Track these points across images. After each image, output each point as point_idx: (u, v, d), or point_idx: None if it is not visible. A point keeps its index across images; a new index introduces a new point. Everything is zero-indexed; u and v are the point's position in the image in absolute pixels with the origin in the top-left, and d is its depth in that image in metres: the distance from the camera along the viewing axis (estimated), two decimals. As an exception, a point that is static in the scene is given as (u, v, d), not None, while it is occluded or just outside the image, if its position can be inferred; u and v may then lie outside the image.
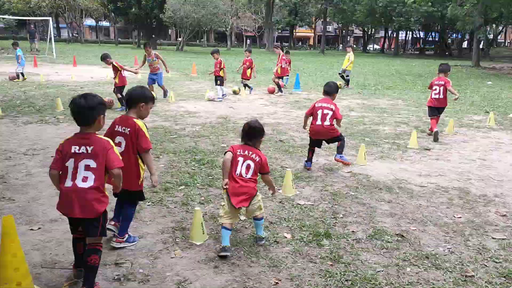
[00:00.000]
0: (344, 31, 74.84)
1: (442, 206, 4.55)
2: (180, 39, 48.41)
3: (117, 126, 3.40)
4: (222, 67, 11.73)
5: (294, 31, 73.01)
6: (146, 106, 3.46)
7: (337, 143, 5.71)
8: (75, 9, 52.59)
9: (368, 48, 72.61)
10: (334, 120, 5.54)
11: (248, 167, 3.49)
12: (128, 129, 3.33)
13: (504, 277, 3.15)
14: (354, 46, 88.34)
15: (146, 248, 3.49)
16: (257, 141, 3.67)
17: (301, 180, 5.27)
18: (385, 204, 4.56)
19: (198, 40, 70.14)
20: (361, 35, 74.86)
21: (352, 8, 51.88)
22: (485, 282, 3.08)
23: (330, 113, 5.49)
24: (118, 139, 3.33)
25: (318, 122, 5.52)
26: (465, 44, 62.84)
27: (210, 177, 5.24)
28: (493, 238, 3.79)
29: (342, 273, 3.16)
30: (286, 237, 3.72)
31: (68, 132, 5.52)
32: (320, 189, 4.98)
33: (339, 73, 16.26)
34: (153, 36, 47.71)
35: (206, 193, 4.74)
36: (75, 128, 2.88)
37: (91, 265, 2.74)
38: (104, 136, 2.98)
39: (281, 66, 13.83)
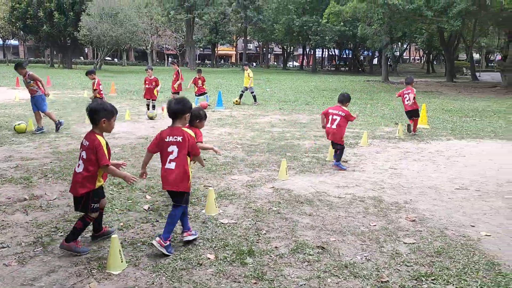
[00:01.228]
0: (264, 49, 77.00)
1: (359, 215, 4.76)
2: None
3: None
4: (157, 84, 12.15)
5: (216, 49, 73.69)
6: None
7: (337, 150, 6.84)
8: (-22, 27, 48.84)
9: (288, 65, 75.28)
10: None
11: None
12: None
13: (416, 279, 3.35)
14: (275, 63, 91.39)
15: (58, 283, 3.24)
16: (193, 122, 4.74)
17: (224, 198, 5.25)
18: (306, 217, 4.68)
19: (117, 59, 68.13)
20: (281, 52, 77.44)
21: (271, 27, 53.65)
22: (399, 286, 3.25)
23: (338, 118, 6.65)
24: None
25: (328, 125, 6.77)
26: (375, 61, 67.45)
27: (129, 201, 5.04)
28: (404, 243, 4.03)
29: (265, 290, 3.16)
30: (209, 258, 3.66)
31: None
32: (243, 206, 4.99)
33: (242, 91, 16.29)
34: (61, 54, 45.49)
35: (125, 217, 4.54)
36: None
37: (75, 226, 3.70)
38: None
39: (180, 82, 14.11)
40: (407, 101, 9.79)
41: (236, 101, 15.96)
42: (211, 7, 45.07)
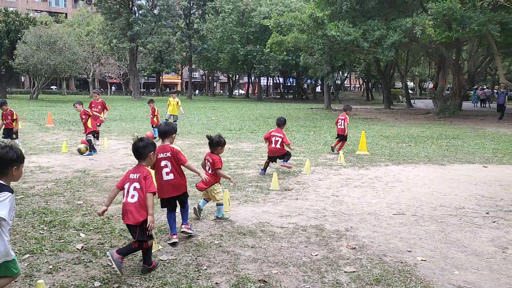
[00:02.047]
0: (210, 77, 77.46)
1: (301, 245, 4.75)
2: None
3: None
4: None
5: (161, 77, 73.14)
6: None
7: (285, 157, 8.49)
8: None
9: (234, 93, 76.08)
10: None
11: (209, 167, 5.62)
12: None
13: (356, 309, 3.35)
14: (221, 91, 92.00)
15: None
16: (215, 149, 5.67)
17: (164, 232, 5.07)
18: (248, 250, 4.60)
19: (55, 87, 65.73)
20: (227, 81, 78.24)
21: (216, 56, 54.21)
22: (340, 317, 3.23)
23: (280, 139, 7.87)
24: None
25: (273, 145, 8.14)
26: (318, 89, 69.76)
27: (61, 241, 4.73)
28: (345, 272, 4.05)
29: (204, 331, 3.02)
30: (146, 300, 3.47)
31: None
32: (184, 240, 4.83)
33: (174, 121, 16.05)
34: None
35: (55, 259, 4.24)
36: None
37: (131, 244, 4.00)
38: None
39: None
40: (339, 125, 11.34)
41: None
42: (155, 36, 44.92)
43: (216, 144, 5.63)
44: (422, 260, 4.35)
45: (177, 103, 16.33)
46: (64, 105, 31.72)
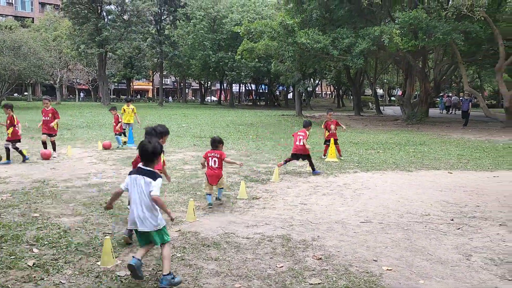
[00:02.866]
0: (182, 84, 76.85)
1: (266, 256, 4.62)
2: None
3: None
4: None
5: (131, 83, 72.06)
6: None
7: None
8: None
9: (206, 100, 75.72)
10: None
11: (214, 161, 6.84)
12: None
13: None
14: (193, 98, 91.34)
15: None
16: (217, 146, 6.92)
17: (125, 247, 4.85)
18: (212, 263, 4.44)
19: (22, 94, 63.80)
20: (199, 87, 77.78)
21: (187, 62, 53.81)
22: (303, 333, 3.12)
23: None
24: None
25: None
26: (290, 96, 70.23)
27: (12, 257, 4.44)
28: (310, 284, 3.95)
29: None
30: (99, 320, 3.26)
31: None
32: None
33: (123, 129, 14.48)
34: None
35: (4, 277, 3.96)
36: None
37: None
38: None
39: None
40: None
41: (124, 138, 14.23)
42: (125, 41, 44.18)
43: (219, 142, 6.96)
44: (387, 269, 4.30)
45: (133, 110, 14.87)
46: (28, 112, 30.71)
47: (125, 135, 14.42)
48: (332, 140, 11.70)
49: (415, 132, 20.64)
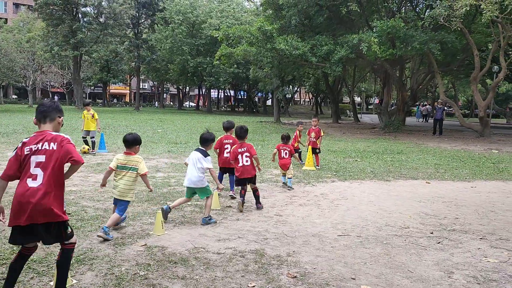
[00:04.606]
0: (160, 89, 75.92)
1: (237, 274, 4.29)
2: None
3: None
4: None
5: (108, 87, 70.79)
6: None
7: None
8: None
9: (184, 105, 74.97)
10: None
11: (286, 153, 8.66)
12: None
13: None
14: (171, 103, 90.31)
15: None
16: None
17: (82, 263, 4.44)
18: (178, 282, 4.08)
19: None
20: (177, 92, 77.00)
21: (165, 66, 53.13)
22: None
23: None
24: None
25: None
26: (269, 102, 70.17)
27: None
28: (283, 306, 3.64)
29: None
30: None
31: None
32: (104, 272, 4.23)
33: (83, 136, 13.38)
34: None
35: None
36: None
37: None
38: None
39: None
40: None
41: (84, 148, 12.83)
42: (101, 44, 43.21)
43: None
44: (366, 289, 4.03)
45: (93, 116, 13.27)
46: (1, 116, 29.67)
47: (87, 144, 13.10)
48: (310, 148, 11.46)
49: (393, 141, 20.67)
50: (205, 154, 6.01)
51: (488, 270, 4.57)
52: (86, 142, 13.23)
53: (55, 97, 65.63)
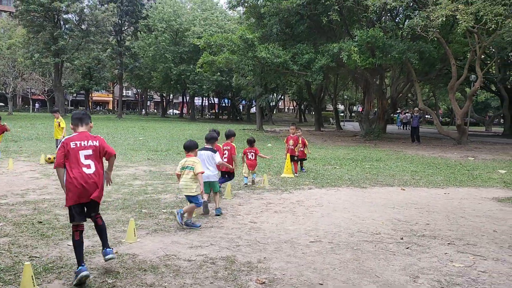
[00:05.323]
0: (143, 96, 75.55)
1: (206, 281, 4.31)
2: None
3: None
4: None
5: (90, 94, 70.11)
6: None
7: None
8: None
9: (168, 112, 74.66)
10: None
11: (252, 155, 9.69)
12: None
13: None
14: (155, 111, 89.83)
15: None
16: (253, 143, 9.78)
17: (50, 272, 4.40)
18: (146, 289, 4.08)
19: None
20: (160, 100, 76.68)
21: (148, 74, 52.95)
22: None
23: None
24: None
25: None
26: (253, 110, 70.39)
27: None
28: (249, 312, 3.67)
29: None
30: None
31: None
32: (72, 281, 4.21)
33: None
34: None
35: None
36: None
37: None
38: None
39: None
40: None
41: (48, 158, 12.22)
42: (83, 51, 42.87)
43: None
44: (332, 294, 4.09)
45: (59, 125, 12.89)
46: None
47: None
48: (288, 156, 11.54)
49: (372, 148, 20.94)
50: (214, 151, 7.18)
51: (452, 274, 4.69)
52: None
53: (37, 104, 64.67)
